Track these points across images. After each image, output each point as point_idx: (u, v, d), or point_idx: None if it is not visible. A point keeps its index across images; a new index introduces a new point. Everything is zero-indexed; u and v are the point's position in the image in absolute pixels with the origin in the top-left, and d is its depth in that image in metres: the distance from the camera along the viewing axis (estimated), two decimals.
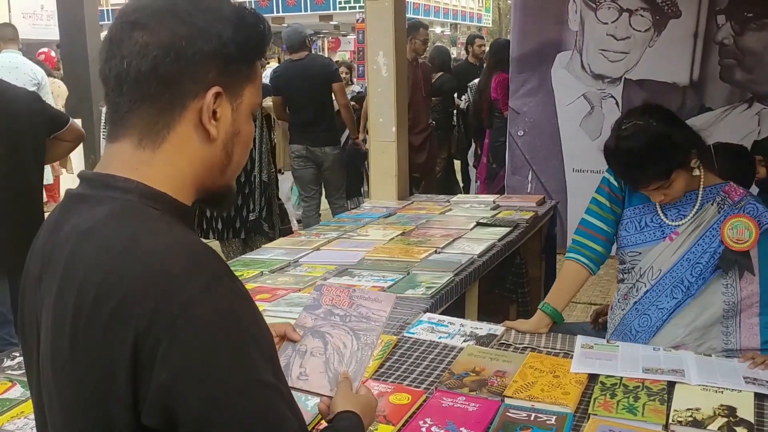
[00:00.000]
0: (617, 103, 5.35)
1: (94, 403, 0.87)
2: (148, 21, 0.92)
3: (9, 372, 1.83)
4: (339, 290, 1.40)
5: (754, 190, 3.49)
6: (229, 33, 0.94)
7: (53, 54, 9.48)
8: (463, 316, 2.50)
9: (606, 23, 5.35)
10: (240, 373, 0.86)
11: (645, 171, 2.07)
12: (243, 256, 2.97)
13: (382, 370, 1.83)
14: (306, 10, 18.93)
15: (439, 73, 6.91)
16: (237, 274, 2.66)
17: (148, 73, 0.92)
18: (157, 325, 0.83)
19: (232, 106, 0.98)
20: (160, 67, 0.91)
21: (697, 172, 2.09)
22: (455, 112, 7.27)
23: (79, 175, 0.99)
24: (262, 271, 2.62)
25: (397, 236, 3.10)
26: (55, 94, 7.89)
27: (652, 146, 2.02)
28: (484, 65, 6.77)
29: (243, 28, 0.96)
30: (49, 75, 8.31)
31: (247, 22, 0.97)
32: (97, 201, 0.93)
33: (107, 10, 21.16)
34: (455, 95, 7.35)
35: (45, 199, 6.11)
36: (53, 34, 11.57)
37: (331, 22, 19.97)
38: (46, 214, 1.18)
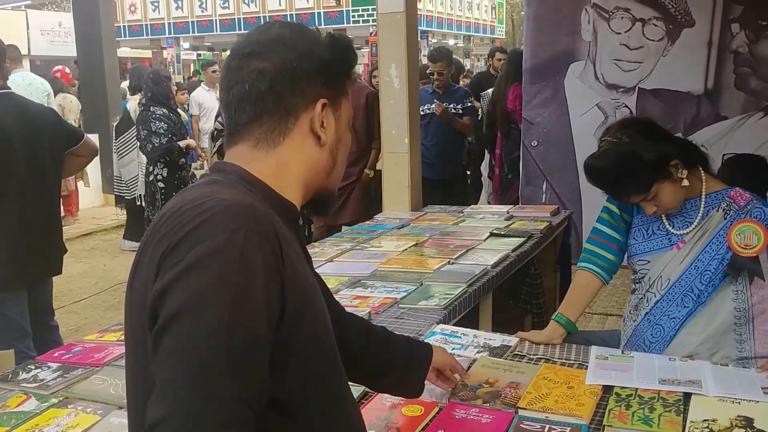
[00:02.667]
0: (631, 113, 5.32)
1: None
2: (262, 51, 1.13)
3: (24, 385, 1.85)
4: None
5: None
6: (327, 54, 1.15)
7: (68, 71, 9.61)
8: (477, 328, 2.49)
9: (619, 33, 5.34)
10: (213, 332, 0.90)
11: (619, 187, 2.11)
12: None
13: None
14: (320, 24, 19.05)
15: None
16: None
17: (267, 91, 1.11)
18: (175, 250, 0.95)
19: (335, 116, 1.18)
20: (276, 86, 1.11)
21: (686, 183, 2.07)
22: None
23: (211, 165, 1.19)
24: None
25: (410, 247, 3.09)
26: (67, 108, 8.02)
27: (620, 165, 2.04)
28: (499, 76, 6.78)
29: (337, 49, 1.17)
30: (64, 91, 8.43)
31: (340, 45, 1.18)
32: (205, 179, 1.12)
33: (124, 26, 21.42)
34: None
35: (62, 213, 6.21)
36: (71, 50, 11.74)
37: None
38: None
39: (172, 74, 11.12)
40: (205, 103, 9.33)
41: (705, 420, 1.57)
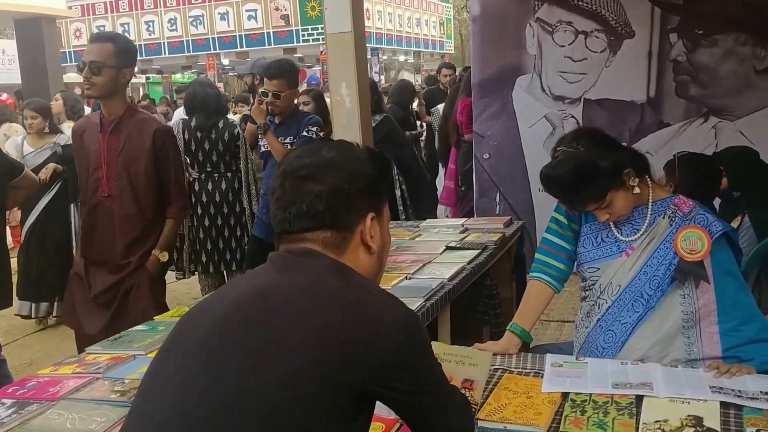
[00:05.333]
0: (578, 123, 5.46)
1: None
2: (317, 174, 1.27)
3: None
4: None
5: (716, 200, 3.59)
6: (370, 170, 1.31)
7: (11, 100, 9.42)
8: (436, 341, 2.51)
9: (563, 46, 5.48)
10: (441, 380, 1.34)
11: (577, 196, 2.16)
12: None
13: None
14: (270, 44, 19.07)
15: (388, 105, 7.13)
16: None
17: (324, 211, 1.26)
18: (399, 358, 1.21)
19: (380, 224, 1.33)
20: (332, 205, 1.26)
21: (637, 190, 2.14)
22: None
23: (283, 249, 1.31)
24: None
25: None
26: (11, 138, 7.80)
27: (578, 173, 2.09)
28: (450, 91, 6.90)
29: (376, 163, 1.33)
30: (12, 120, 8.26)
31: (378, 159, 1.35)
32: (309, 261, 1.26)
33: (69, 52, 21.10)
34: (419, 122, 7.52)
35: (11, 244, 6.04)
36: (16, 78, 11.52)
37: (295, 55, 20.10)
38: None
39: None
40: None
41: (657, 421, 1.62)
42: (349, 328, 1.16)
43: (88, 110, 6.15)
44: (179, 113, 8.13)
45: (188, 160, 4.75)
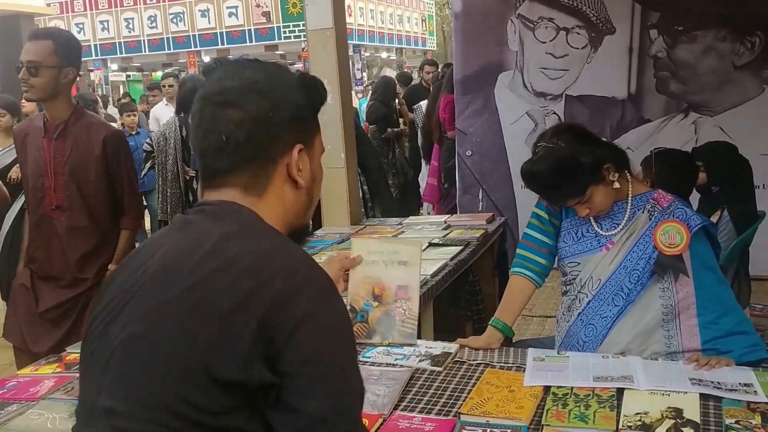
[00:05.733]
0: (560, 119, 5.49)
1: None
2: (237, 100, 1.13)
3: None
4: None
5: (695, 195, 3.62)
6: (302, 99, 1.18)
7: None
8: (419, 337, 2.52)
9: (544, 42, 5.51)
10: (350, 358, 1.11)
11: (557, 191, 2.18)
12: None
13: None
14: (251, 41, 18.99)
15: (371, 102, 7.17)
16: None
17: (245, 141, 1.13)
18: (290, 306, 1.04)
19: (309, 156, 1.20)
20: (254, 137, 1.13)
21: (617, 185, 2.16)
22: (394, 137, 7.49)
23: (203, 201, 1.17)
24: None
25: None
26: None
27: (559, 168, 2.10)
28: (433, 88, 6.92)
29: (308, 90, 1.20)
30: None
31: (310, 86, 1.21)
32: (223, 217, 1.13)
33: None
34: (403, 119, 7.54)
35: None
36: None
37: (276, 52, 20.04)
38: None
39: (98, 97, 10.79)
40: (163, 118, 9.13)
41: (637, 413, 1.63)
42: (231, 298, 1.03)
43: None
44: (160, 108, 8.02)
45: (186, 156, 4.78)
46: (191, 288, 1.04)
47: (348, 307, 1.56)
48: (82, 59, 3.10)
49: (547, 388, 1.81)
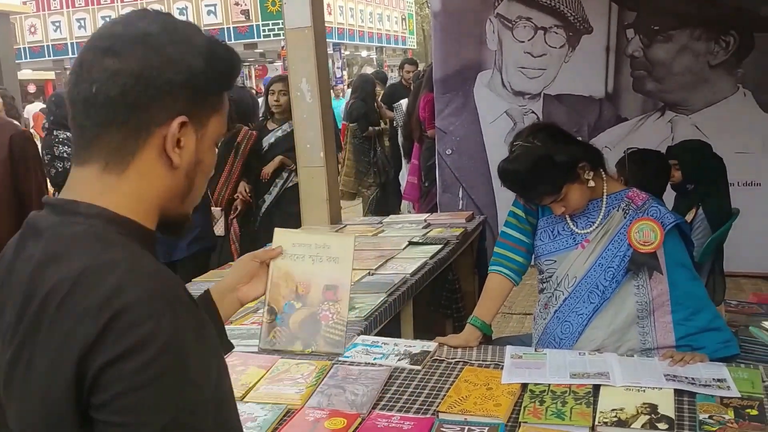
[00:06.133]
0: (538, 118, 5.52)
1: None
2: (121, 49, 0.95)
3: None
4: None
5: (671, 193, 3.67)
6: (200, 64, 0.97)
7: None
8: (399, 336, 2.53)
9: (522, 41, 5.54)
10: (199, 389, 0.88)
11: (533, 190, 2.20)
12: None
13: (316, 396, 1.83)
14: (230, 39, 18.87)
15: (351, 100, 7.20)
16: None
17: (116, 98, 0.94)
18: (107, 342, 0.84)
19: (197, 135, 1.00)
20: (128, 94, 0.94)
21: (592, 183, 2.18)
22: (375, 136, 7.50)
23: (44, 201, 1.00)
24: None
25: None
26: None
27: (534, 167, 2.13)
28: (413, 87, 6.94)
29: (214, 60, 1.00)
30: None
31: (219, 55, 1.01)
32: (60, 225, 0.95)
33: (24, 48, 20.66)
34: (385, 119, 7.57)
35: None
36: None
37: (256, 50, 19.96)
38: None
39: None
40: None
41: (613, 409, 1.65)
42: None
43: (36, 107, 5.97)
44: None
45: None
46: (23, 341, 0.90)
47: (266, 308, 1.39)
48: (59, 58, 3.03)
49: (524, 386, 1.83)
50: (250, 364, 2.00)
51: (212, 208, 4.51)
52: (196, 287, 2.91)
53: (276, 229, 1.42)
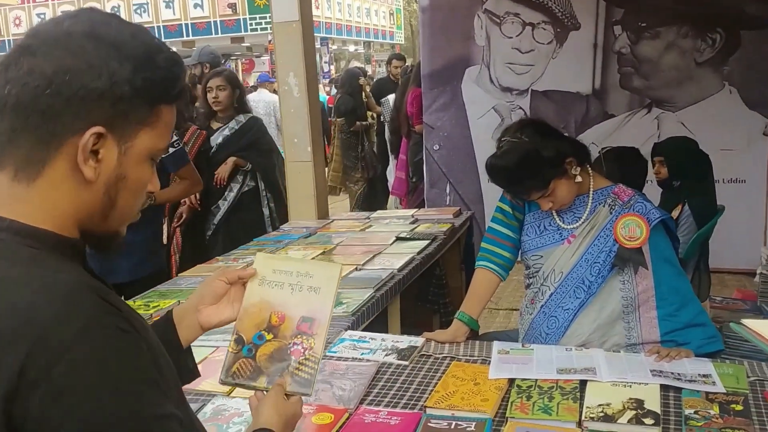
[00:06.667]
0: (526, 114, 5.53)
1: None
2: (38, 48, 0.89)
3: None
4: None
5: (657, 189, 3.69)
6: (125, 73, 0.90)
7: None
8: (386, 331, 2.53)
9: (511, 37, 5.54)
10: (127, 413, 0.82)
11: (521, 185, 2.21)
12: (158, 286, 2.90)
13: None
14: (217, 33, 18.77)
15: (339, 95, 7.22)
16: (152, 304, 2.56)
17: (27, 103, 0.88)
18: (26, 381, 0.78)
19: (120, 148, 0.92)
20: (39, 99, 0.87)
21: (579, 179, 2.19)
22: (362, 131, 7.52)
23: None
24: (179, 301, 2.58)
25: (318, 256, 3.10)
26: None
27: (522, 162, 2.13)
28: (401, 82, 6.93)
29: (146, 69, 0.92)
30: None
31: (155, 64, 0.93)
32: None
33: (8, 41, 20.44)
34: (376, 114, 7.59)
35: None
36: None
37: (243, 44, 19.85)
38: None
39: None
40: None
41: (600, 405, 1.66)
42: None
43: None
44: None
45: None
46: None
47: (234, 337, 1.25)
48: None
49: (511, 381, 1.83)
50: None
51: None
52: (182, 282, 2.89)
53: (258, 254, 1.31)
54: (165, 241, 4.02)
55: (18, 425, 0.79)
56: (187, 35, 19.06)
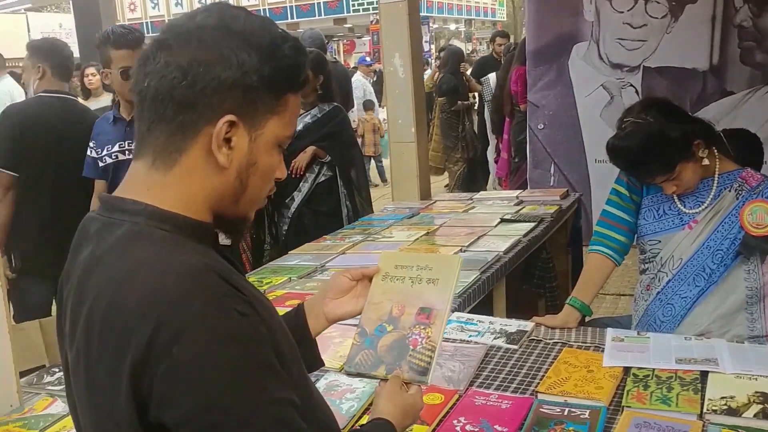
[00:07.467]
0: (637, 92, 5.31)
1: None
2: (174, 42, 0.94)
3: (49, 388, 1.88)
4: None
5: None
6: (254, 62, 0.93)
7: None
8: (491, 314, 2.51)
9: (622, 12, 5.32)
10: (241, 396, 0.86)
11: (646, 168, 2.12)
12: (271, 263, 2.99)
13: None
14: (320, 15, 19.02)
15: (441, 74, 7.14)
16: (265, 281, 2.63)
17: (165, 94, 0.93)
18: (152, 354, 0.83)
19: (251, 136, 0.96)
20: (176, 90, 0.92)
21: (706, 162, 2.08)
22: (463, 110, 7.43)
23: (99, 197, 1.02)
24: (290, 278, 2.65)
25: (421, 236, 3.11)
26: None
27: (647, 144, 2.04)
28: (504, 60, 6.82)
29: (273, 58, 0.95)
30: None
31: (281, 53, 0.96)
32: (107, 225, 0.95)
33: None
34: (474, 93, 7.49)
35: None
36: (73, 51, 11.75)
37: (345, 25, 20.03)
38: None
39: None
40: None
41: (723, 397, 1.58)
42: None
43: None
44: None
45: None
46: (78, 354, 0.92)
47: (359, 330, 1.30)
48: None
49: (627, 370, 1.77)
50: (347, 336, 2.03)
51: None
52: (291, 260, 2.96)
53: (382, 252, 1.35)
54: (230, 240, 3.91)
55: (144, 396, 0.85)
56: (292, 18, 19.39)
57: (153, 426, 0.85)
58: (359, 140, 9.84)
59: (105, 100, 5.64)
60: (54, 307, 3.02)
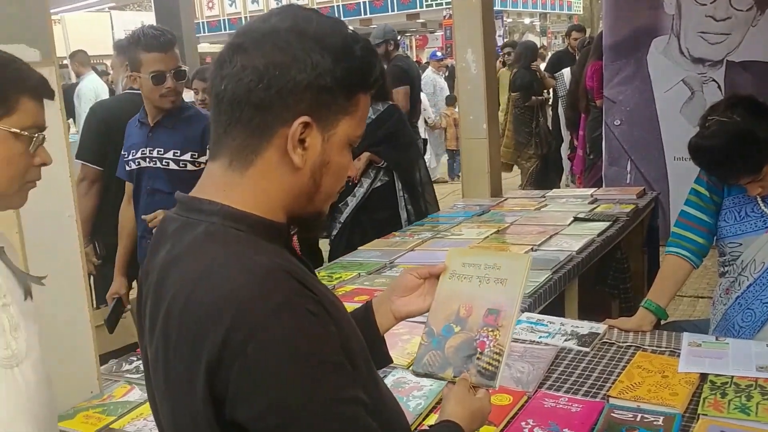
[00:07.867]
0: (719, 87, 5.11)
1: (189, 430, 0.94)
2: (249, 45, 0.95)
3: (128, 376, 1.95)
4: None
5: None
6: (327, 64, 0.94)
7: None
8: (563, 315, 2.46)
9: (704, 4, 5.12)
10: (312, 394, 0.88)
11: (731, 168, 2.04)
12: (341, 258, 3.03)
13: None
14: (393, 10, 19.05)
15: (515, 69, 7.03)
16: (335, 276, 2.67)
17: (241, 96, 0.94)
18: (227, 353, 0.86)
19: (323, 136, 0.98)
20: (252, 93, 0.94)
21: None
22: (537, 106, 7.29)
23: (176, 197, 1.04)
24: (359, 273, 2.67)
25: (491, 234, 3.08)
26: None
27: (734, 144, 1.97)
28: (580, 55, 6.67)
29: (345, 59, 0.96)
30: None
31: (353, 54, 0.97)
32: (184, 225, 0.98)
33: (202, 22, 22.00)
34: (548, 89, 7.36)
35: None
36: None
37: (418, 20, 20.00)
38: None
39: None
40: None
41: None
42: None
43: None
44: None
45: None
46: (157, 350, 0.95)
47: (426, 329, 1.28)
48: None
49: (703, 376, 1.72)
50: (415, 334, 2.03)
51: None
52: (360, 256, 2.99)
53: (450, 249, 1.34)
54: None
55: (220, 394, 0.87)
56: (365, 13, 19.50)
57: (228, 423, 0.88)
58: (442, 133, 9.86)
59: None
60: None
